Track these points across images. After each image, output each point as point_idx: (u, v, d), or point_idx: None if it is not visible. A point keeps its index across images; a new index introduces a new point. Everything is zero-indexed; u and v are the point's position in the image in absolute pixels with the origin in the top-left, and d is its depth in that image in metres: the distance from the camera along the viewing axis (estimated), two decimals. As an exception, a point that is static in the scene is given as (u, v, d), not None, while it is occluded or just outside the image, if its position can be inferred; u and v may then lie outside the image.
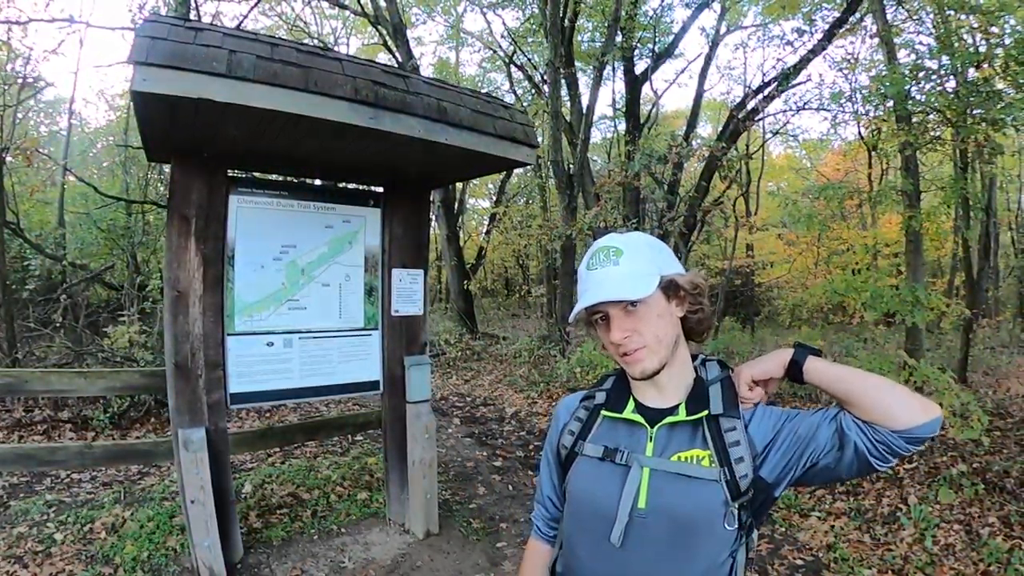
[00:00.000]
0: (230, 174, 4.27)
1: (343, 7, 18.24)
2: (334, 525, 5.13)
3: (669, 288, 1.55)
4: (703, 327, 1.67)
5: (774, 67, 15.13)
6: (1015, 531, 4.90)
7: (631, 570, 1.52)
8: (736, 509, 1.47)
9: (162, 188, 12.16)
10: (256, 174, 4.73)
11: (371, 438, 7.65)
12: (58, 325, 9.90)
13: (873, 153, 14.38)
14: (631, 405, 1.63)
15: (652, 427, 1.56)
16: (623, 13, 13.84)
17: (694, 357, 1.69)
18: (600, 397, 1.70)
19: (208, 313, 4.09)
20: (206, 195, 4.05)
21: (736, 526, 1.48)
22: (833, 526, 5.20)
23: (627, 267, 1.51)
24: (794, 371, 1.52)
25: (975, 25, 7.69)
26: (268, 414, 8.94)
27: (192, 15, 10.19)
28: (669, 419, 1.56)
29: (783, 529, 5.23)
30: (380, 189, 5.01)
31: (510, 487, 6.26)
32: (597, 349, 7.00)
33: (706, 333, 1.70)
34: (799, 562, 4.71)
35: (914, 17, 9.12)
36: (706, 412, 1.54)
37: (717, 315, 15.49)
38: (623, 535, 1.50)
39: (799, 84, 13.94)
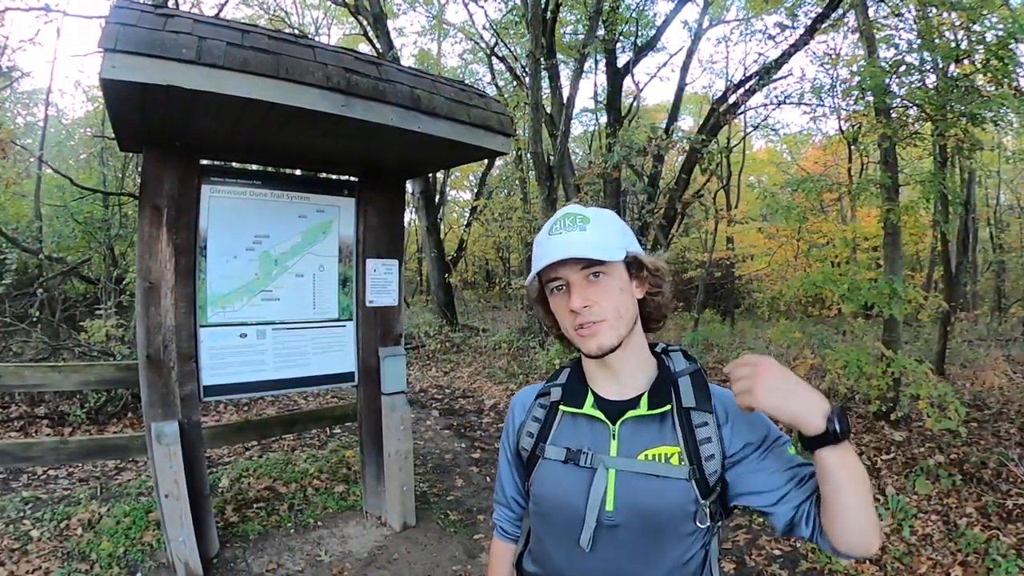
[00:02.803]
0: (203, 163, 4.22)
1: (323, -4, 18.15)
2: (311, 518, 5.10)
3: (632, 265, 1.50)
4: (660, 313, 1.60)
5: (756, 61, 15.17)
6: (992, 521, 4.95)
7: (602, 572, 1.48)
8: (707, 506, 1.44)
9: (139, 179, 12.03)
10: (230, 163, 4.68)
11: (349, 431, 7.61)
12: (35, 320, 9.78)
13: (853, 148, 14.44)
14: (590, 399, 1.57)
15: (614, 423, 1.51)
16: (605, 6, 13.81)
17: (653, 345, 1.64)
18: (556, 393, 1.63)
19: (180, 304, 4.05)
20: (178, 185, 4.00)
21: (708, 523, 1.45)
22: (811, 516, 5.21)
23: (594, 234, 1.43)
24: (815, 439, 1.24)
25: (957, 22, 7.72)
26: (246, 407, 8.89)
27: (171, 3, 10.10)
28: (631, 413, 1.49)
29: (761, 519, 5.24)
30: (355, 179, 4.98)
31: (488, 479, 6.26)
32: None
33: (662, 321, 1.63)
34: (777, 552, 4.73)
35: (896, 14, 9.13)
36: (669, 407, 1.48)
37: (697, 307, 15.56)
38: (592, 539, 1.46)
39: (781, 79, 13.99)
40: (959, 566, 4.37)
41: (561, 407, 1.60)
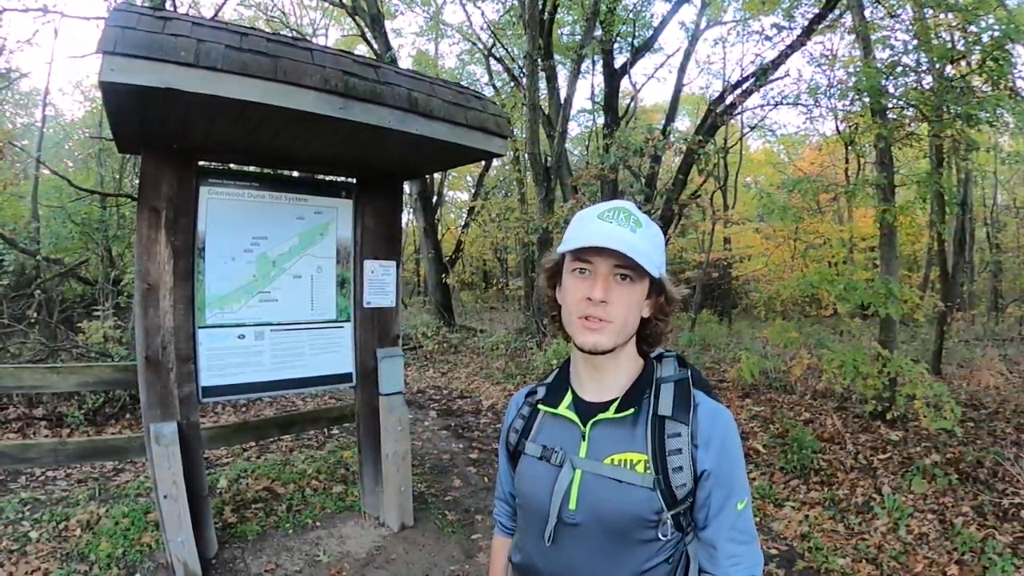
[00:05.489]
0: (201, 165, 4.22)
1: (321, -2, 18.16)
2: (309, 519, 5.11)
3: (655, 286, 1.50)
4: (656, 340, 1.61)
5: (753, 62, 15.17)
6: (988, 520, 4.97)
7: (562, 567, 1.53)
8: (671, 517, 1.44)
9: (137, 181, 12.04)
10: (228, 165, 4.69)
11: (347, 431, 7.61)
12: (32, 321, 9.78)
13: (849, 148, 14.48)
14: (567, 399, 1.60)
15: (585, 425, 1.53)
16: (602, 6, 13.85)
17: (650, 349, 1.64)
18: (541, 392, 1.68)
19: (179, 306, 4.05)
20: (176, 187, 4.00)
21: (672, 535, 1.46)
22: (807, 516, 5.24)
23: (642, 240, 1.42)
24: None
25: (953, 23, 7.75)
26: (244, 408, 8.89)
27: (168, 5, 10.10)
28: (600, 416, 1.51)
29: (757, 519, 5.23)
30: (353, 180, 4.98)
31: (485, 479, 6.26)
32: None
33: (654, 346, 1.63)
34: (773, 552, 4.73)
35: (892, 15, 9.16)
36: (634, 411, 1.49)
37: (694, 308, 15.59)
38: (553, 534, 1.51)
39: (777, 79, 13.98)
40: (955, 565, 4.39)
41: (540, 406, 1.65)
